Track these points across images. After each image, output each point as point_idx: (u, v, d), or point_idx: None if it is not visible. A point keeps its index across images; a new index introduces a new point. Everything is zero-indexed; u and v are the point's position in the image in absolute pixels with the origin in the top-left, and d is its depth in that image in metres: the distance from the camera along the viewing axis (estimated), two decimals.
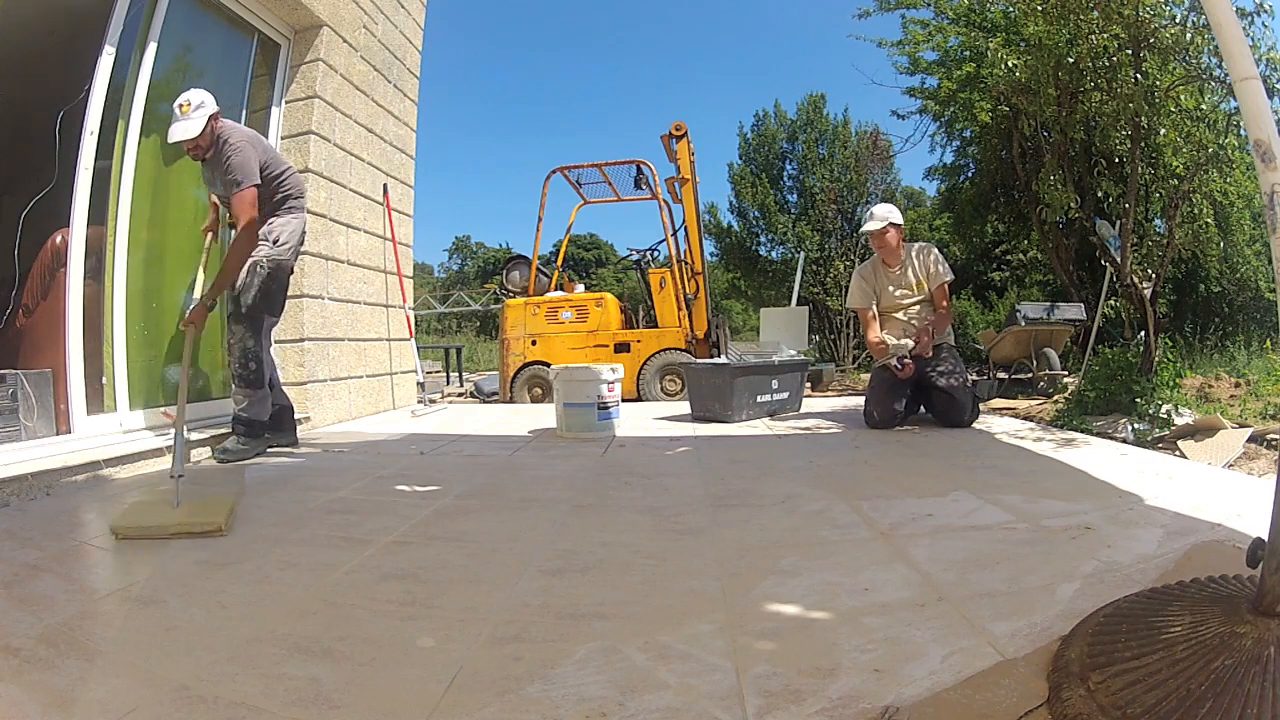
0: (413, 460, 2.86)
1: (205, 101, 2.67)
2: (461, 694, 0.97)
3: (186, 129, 2.63)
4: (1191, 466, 2.48)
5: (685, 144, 6.55)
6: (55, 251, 2.73)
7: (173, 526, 1.66)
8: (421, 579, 1.42)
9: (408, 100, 5.03)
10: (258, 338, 2.90)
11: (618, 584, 1.38)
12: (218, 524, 1.66)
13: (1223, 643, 0.90)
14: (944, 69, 8.65)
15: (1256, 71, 0.99)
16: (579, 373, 3.52)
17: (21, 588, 1.37)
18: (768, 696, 0.94)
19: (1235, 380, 5.02)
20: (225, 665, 1.06)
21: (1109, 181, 5.70)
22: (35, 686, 0.99)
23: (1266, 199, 0.93)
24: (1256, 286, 9.23)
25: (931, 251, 3.54)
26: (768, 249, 15.21)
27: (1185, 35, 3.85)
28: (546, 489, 2.30)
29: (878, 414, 3.42)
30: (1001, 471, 2.32)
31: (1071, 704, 0.88)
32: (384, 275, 4.68)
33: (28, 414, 2.49)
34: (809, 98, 15.08)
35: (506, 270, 7.34)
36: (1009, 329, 6.32)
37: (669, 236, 6.77)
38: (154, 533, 1.65)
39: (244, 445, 2.88)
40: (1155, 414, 3.67)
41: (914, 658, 1.03)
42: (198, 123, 2.64)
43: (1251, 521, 1.55)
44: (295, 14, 3.81)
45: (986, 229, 11.24)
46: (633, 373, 6.18)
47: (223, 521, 1.68)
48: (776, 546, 1.59)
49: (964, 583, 1.31)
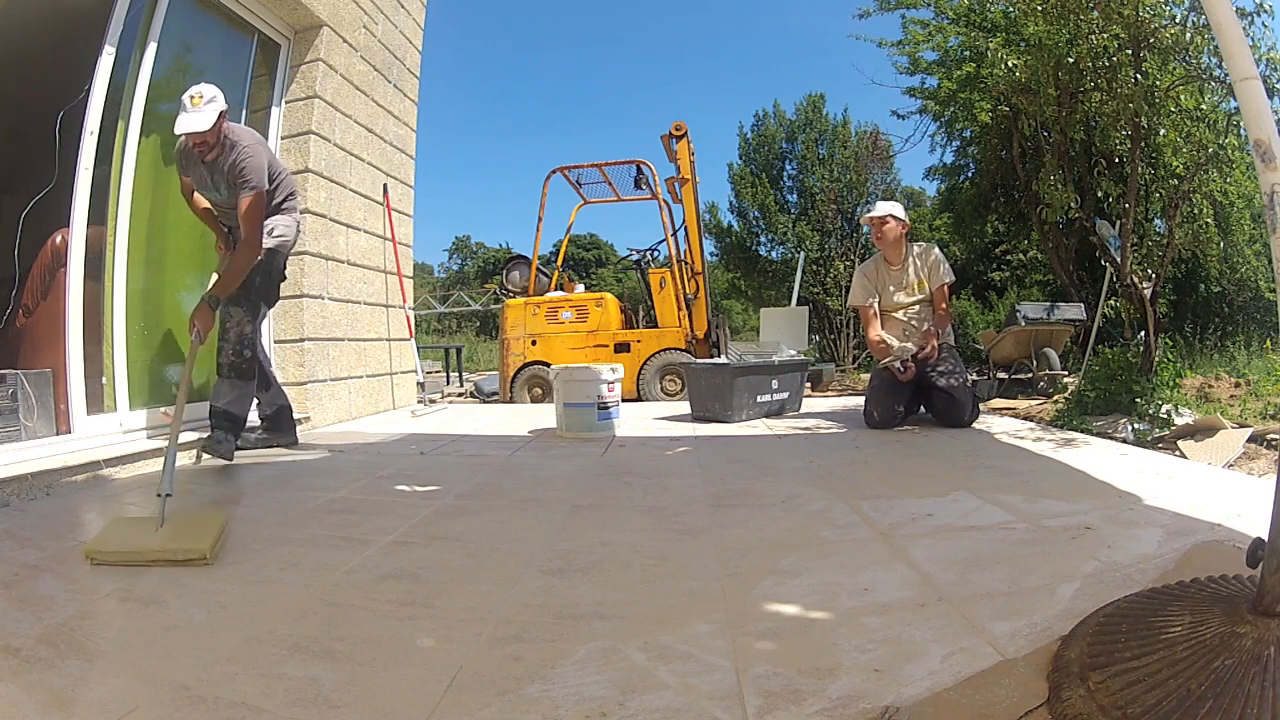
0: (413, 460, 2.86)
1: (217, 97, 2.56)
2: (461, 694, 0.97)
3: (197, 121, 2.50)
4: (1191, 466, 2.48)
5: (685, 144, 6.55)
6: (55, 251, 2.72)
7: (152, 552, 1.51)
8: (421, 579, 1.42)
9: (408, 100, 5.03)
10: (255, 324, 2.79)
11: (618, 584, 1.38)
12: (202, 551, 1.51)
13: (1223, 643, 0.90)
14: (944, 69, 8.66)
15: (1256, 71, 0.99)
16: (579, 373, 3.52)
17: (21, 588, 1.37)
18: (768, 696, 0.94)
19: (1235, 380, 5.02)
20: (225, 665, 1.06)
21: (1109, 181, 5.70)
22: (35, 686, 0.99)
23: (1266, 199, 0.93)
24: (1256, 286, 9.23)
25: (933, 252, 3.55)
26: (768, 249, 15.24)
27: (1185, 35, 3.85)
28: (546, 489, 2.30)
29: (878, 414, 3.42)
30: (1001, 471, 2.32)
31: (1071, 704, 0.88)
32: (384, 275, 4.68)
33: (28, 414, 2.49)
34: (808, 98, 15.12)
35: (506, 270, 7.34)
36: (1009, 329, 6.32)
37: (669, 236, 6.77)
38: (132, 558, 1.51)
39: (228, 440, 2.69)
40: (1155, 414, 3.67)
41: (914, 658, 1.03)
42: (209, 116, 2.51)
43: (1251, 521, 1.54)
44: (295, 14, 3.81)
45: (986, 229, 11.24)
46: (633, 373, 6.18)
47: (208, 548, 1.52)
48: (776, 546, 1.59)
49: (964, 583, 1.31)
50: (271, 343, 3.79)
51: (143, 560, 1.50)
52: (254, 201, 2.61)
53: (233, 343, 2.72)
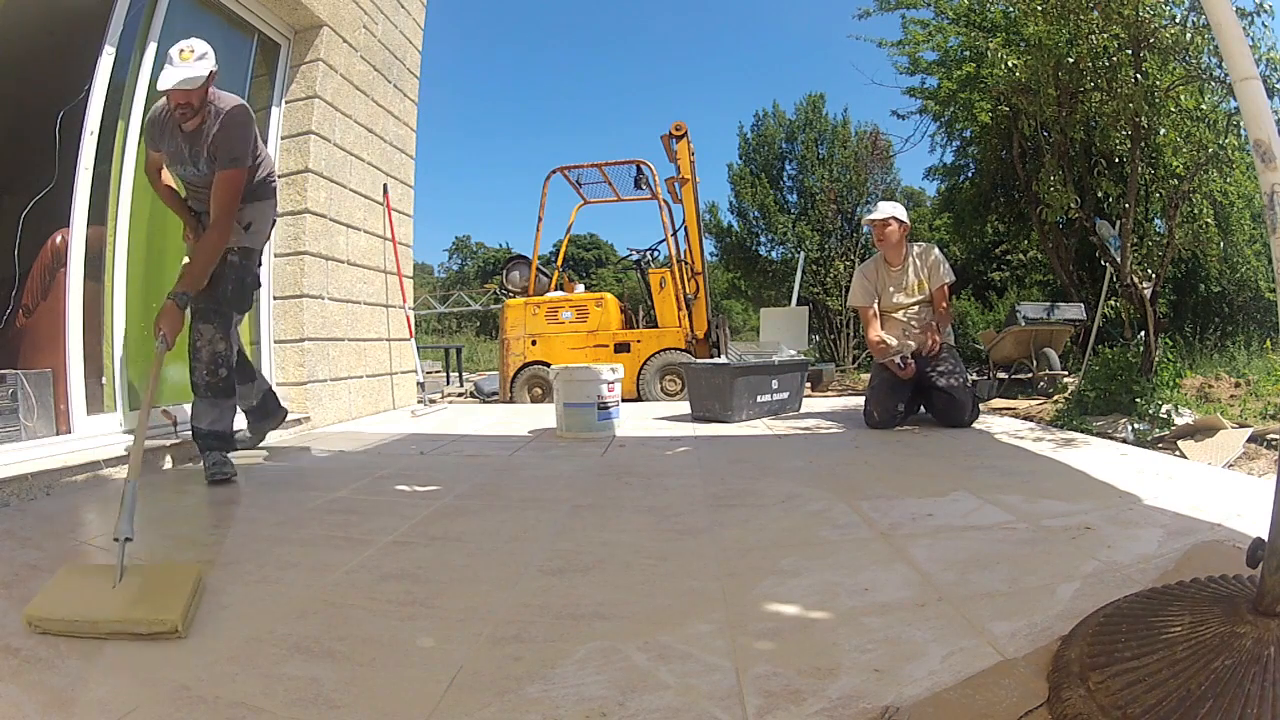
0: (413, 460, 2.86)
1: (209, 54, 2.26)
2: (461, 694, 0.97)
3: (188, 75, 2.19)
4: (1191, 466, 2.48)
5: (685, 144, 6.55)
6: (55, 251, 2.72)
7: (108, 623, 1.16)
8: (421, 579, 1.42)
9: (408, 100, 5.03)
10: (228, 339, 2.51)
11: (618, 584, 1.38)
12: (171, 623, 1.15)
13: (1223, 643, 0.90)
14: (944, 69, 8.66)
15: (1256, 71, 0.99)
16: (579, 373, 3.52)
17: (21, 588, 1.37)
18: (768, 696, 0.94)
19: (1235, 380, 5.02)
20: (225, 665, 1.06)
21: (1109, 181, 5.70)
22: (35, 686, 0.99)
23: (1266, 199, 0.93)
24: (1256, 286, 9.23)
25: (933, 252, 3.55)
26: (768, 249, 15.25)
27: (1185, 35, 3.85)
28: (546, 489, 2.30)
29: (878, 414, 3.42)
30: (1001, 471, 2.32)
31: (1071, 704, 0.88)
32: (384, 275, 4.68)
33: (28, 414, 2.49)
34: (808, 98, 15.13)
35: (506, 270, 7.35)
36: (1009, 329, 6.32)
37: (669, 236, 6.77)
38: (82, 629, 1.15)
39: (226, 459, 2.49)
40: (1155, 414, 3.67)
41: (914, 658, 1.03)
42: (199, 72, 2.21)
43: (1251, 521, 1.54)
44: (295, 14, 3.81)
45: (986, 229, 11.24)
46: (633, 373, 6.18)
47: (179, 617, 1.16)
48: (776, 546, 1.59)
49: (964, 583, 1.31)
50: (271, 343, 3.79)
51: (96, 633, 1.16)
52: (233, 180, 2.35)
53: (206, 363, 2.46)
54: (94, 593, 1.24)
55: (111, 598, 1.23)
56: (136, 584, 1.27)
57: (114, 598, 1.23)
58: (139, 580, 1.28)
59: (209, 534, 1.87)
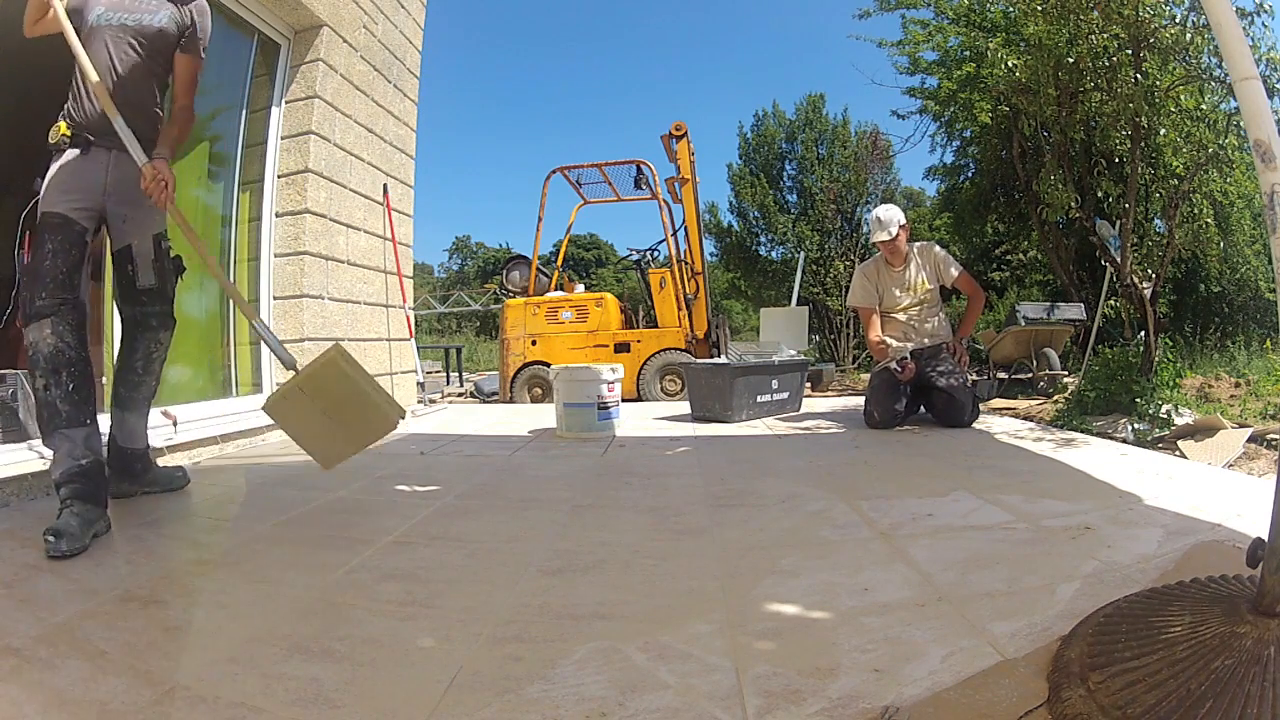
0: (413, 460, 2.86)
1: None
2: (461, 694, 0.97)
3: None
4: (1191, 466, 2.48)
5: (685, 144, 6.55)
6: None
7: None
8: (421, 579, 1.42)
9: (408, 100, 5.03)
10: None
11: (618, 584, 1.38)
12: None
13: (1223, 643, 0.90)
14: (944, 69, 8.65)
15: (1256, 71, 0.99)
16: (579, 373, 3.52)
17: (21, 588, 1.37)
18: (768, 696, 0.94)
19: (1235, 380, 5.02)
20: (225, 665, 1.06)
21: (1109, 181, 5.69)
22: (35, 686, 0.99)
23: (1266, 199, 0.93)
24: (1256, 286, 9.23)
25: (934, 249, 3.55)
26: (768, 249, 15.23)
27: (1185, 35, 3.85)
28: (546, 489, 2.30)
29: (878, 414, 3.42)
30: (1001, 471, 2.32)
31: (1071, 704, 0.88)
32: (384, 275, 4.68)
33: (28, 414, 2.49)
34: (808, 98, 15.11)
35: (506, 270, 7.35)
36: (1009, 329, 6.32)
37: (669, 236, 6.77)
38: None
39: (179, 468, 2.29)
40: (1155, 414, 3.67)
41: (914, 658, 1.03)
42: None
43: (1251, 521, 1.55)
44: (295, 14, 3.81)
45: (986, 229, 11.24)
46: (633, 373, 6.19)
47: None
48: (776, 546, 1.59)
49: (964, 583, 1.31)
50: None
51: None
52: (198, 70, 2.19)
53: (157, 374, 2.22)
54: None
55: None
56: None
57: None
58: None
59: (209, 534, 1.88)
